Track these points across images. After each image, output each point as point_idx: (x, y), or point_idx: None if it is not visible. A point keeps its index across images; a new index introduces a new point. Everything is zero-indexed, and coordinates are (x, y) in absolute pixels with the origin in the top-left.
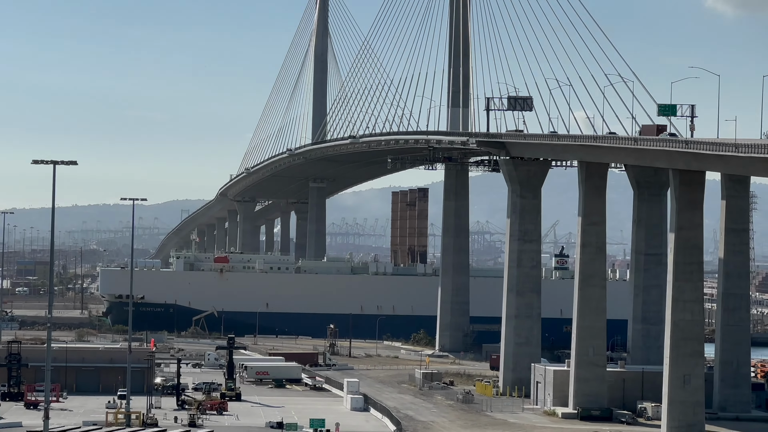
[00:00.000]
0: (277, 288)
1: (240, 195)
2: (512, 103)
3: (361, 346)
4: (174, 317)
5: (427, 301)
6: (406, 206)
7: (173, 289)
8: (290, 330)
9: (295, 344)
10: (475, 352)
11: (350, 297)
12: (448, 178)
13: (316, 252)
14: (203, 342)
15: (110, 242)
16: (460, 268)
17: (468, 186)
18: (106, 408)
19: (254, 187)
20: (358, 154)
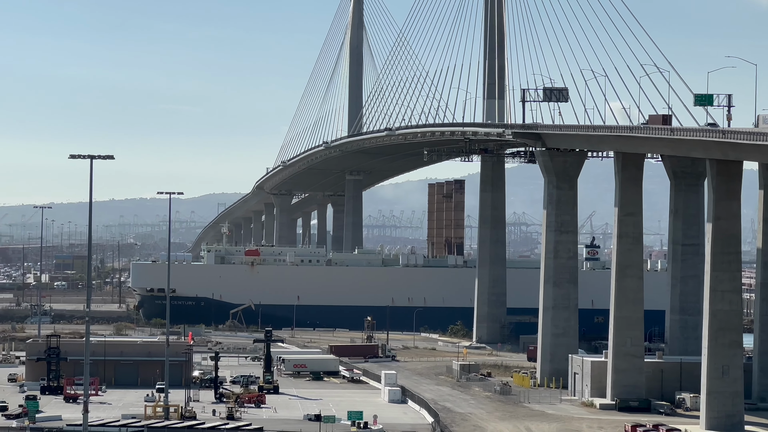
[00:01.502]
0: (308, 281)
1: (276, 188)
2: (548, 94)
3: (398, 338)
4: (205, 311)
5: (458, 292)
6: (443, 198)
7: (204, 282)
8: (321, 323)
9: (332, 337)
10: (512, 344)
11: (381, 289)
12: (484, 170)
13: (353, 244)
14: (241, 335)
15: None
16: (496, 259)
17: (504, 177)
18: (144, 401)
19: (290, 180)
20: (395, 146)
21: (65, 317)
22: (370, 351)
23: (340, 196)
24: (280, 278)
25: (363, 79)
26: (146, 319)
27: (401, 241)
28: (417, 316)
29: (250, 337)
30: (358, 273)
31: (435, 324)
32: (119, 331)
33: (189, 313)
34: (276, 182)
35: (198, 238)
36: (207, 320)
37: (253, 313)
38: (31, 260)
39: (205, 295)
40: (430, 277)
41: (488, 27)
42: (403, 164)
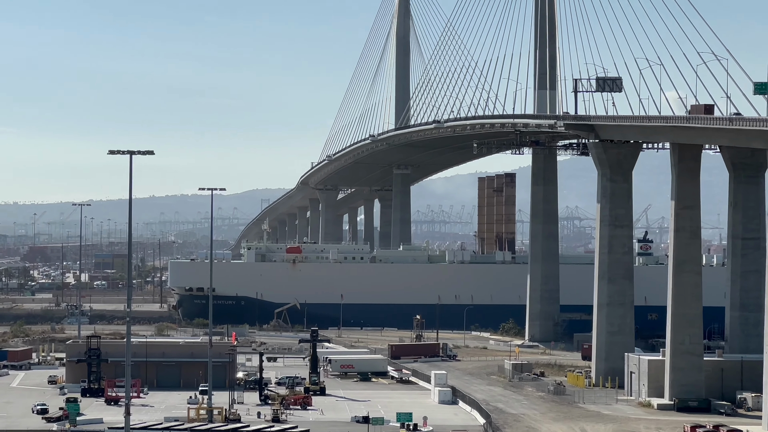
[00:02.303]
0: (351, 279)
1: (322, 183)
2: (601, 84)
3: (448, 337)
4: (245, 310)
5: (507, 289)
6: (493, 192)
7: (244, 281)
8: (367, 322)
9: (380, 336)
10: (566, 342)
11: (427, 287)
12: (535, 163)
13: (401, 241)
14: (286, 335)
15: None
16: (549, 255)
17: (556, 170)
18: (187, 403)
19: (336, 174)
20: (443, 139)
21: (105, 317)
22: (432, 350)
23: (387, 190)
24: (322, 276)
25: (410, 70)
26: (185, 319)
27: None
28: (467, 314)
29: (295, 337)
30: (403, 270)
31: (484, 322)
32: (161, 331)
33: (229, 313)
34: (321, 177)
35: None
36: (247, 320)
37: (298, 313)
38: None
39: (246, 294)
40: (478, 273)
41: (539, 15)
42: (452, 158)
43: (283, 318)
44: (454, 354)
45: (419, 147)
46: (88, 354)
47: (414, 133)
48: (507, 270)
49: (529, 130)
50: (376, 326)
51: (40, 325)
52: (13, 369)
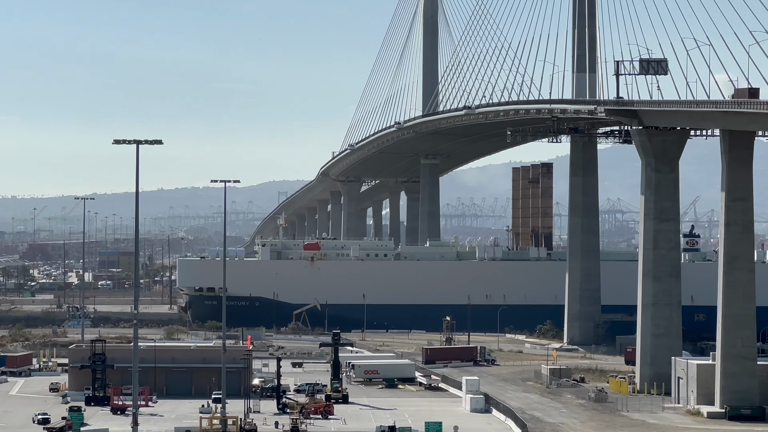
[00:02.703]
0: (374, 277)
1: (344, 174)
2: (644, 66)
3: (480, 340)
4: (259, 312)
5: (542, 288)
6: (529, 183)
7: (258, 280)
8: (391, 323)
9: (407, 339)
10: (607, 345)
11: (456, 286)
12: (574, 152)
13: (430, 236)
14: (305, 339)
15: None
16: (589, 251)
17: (597, 160)
18: (199, 413)
19: (359, 165)
20: (474, 126)
21: (110, 320)
22: (469, 354)
23: (414, 182)
24: (343, 275)
25: (438, 52)
26: (195, 321)
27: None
28: (500, 315)
29: (315, 340)
30: (430, 268)
31: (519, 323)
32: (170, 335)
33: (242, 315)
34: (343, 168)
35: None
36: (262, 322)
37: (318, 314)
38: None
39: (260, 294)
40: (511, 271)
41: None
42: (484, 146)
43: (302, 320)
44: (493, 358)
45: (448, 135)
46: (92, 359)
47: (443, 120)
48: (542, 267)
49: (567, 116)
50: (402, 328)
51: (40, 328)
52: (12, 375)
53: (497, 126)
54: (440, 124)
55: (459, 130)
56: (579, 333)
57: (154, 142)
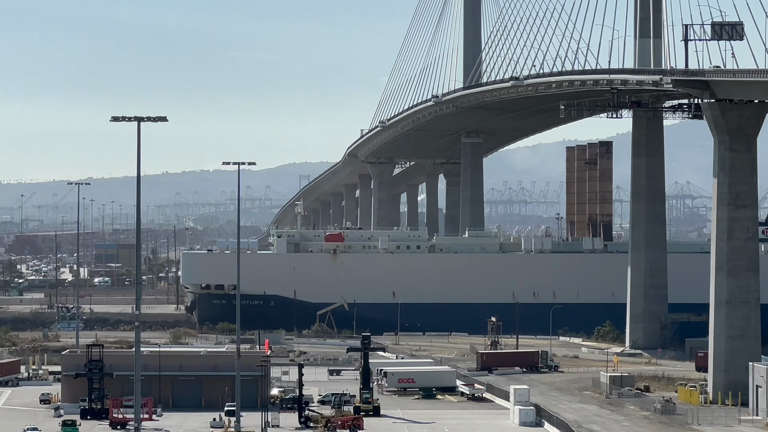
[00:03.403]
0: (405, 272)
1: (374, 155)
2: (717, 30)
3: (530, 343)
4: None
5: (597, 284)
6: (585, 165)
7: (274, 276)
8: (426, 325)
9: (447, 343)
10: (675, 349)
11: (499, 282)
12: (637, 128)
13: (472, 225)
14: (331, 343)
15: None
16: (654, 241)
17: (663, 137)
18: (210, 427)
19: (392, 144)
20: (523, 99)
21: (109, 322)
22: (530, 360)
23: (454, 164)
24: (370, 269)
25: (481, 15)
26: (206, 323)
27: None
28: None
29: (342, 344)
30: (469, 261)
31: (571, 324)
32: (177, 338)
33: (255, 316)
34: (373, 148)
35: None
36: (278, 323)
37: (345, 315)
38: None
39: (275, 292)
40: (561, 265)
41: None
42: (533, 123)
43: (327, 321)
44: (556, 364)
45: (493, 110)
46: (88, 367)
47: (487, 93)
48: (598, 261)
49: (629, 87)
50: (439, 330)
51: (29, 331)
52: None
53: (549, 99)
54: (484, 97)
55: (505, 104)
56: (643, 335)
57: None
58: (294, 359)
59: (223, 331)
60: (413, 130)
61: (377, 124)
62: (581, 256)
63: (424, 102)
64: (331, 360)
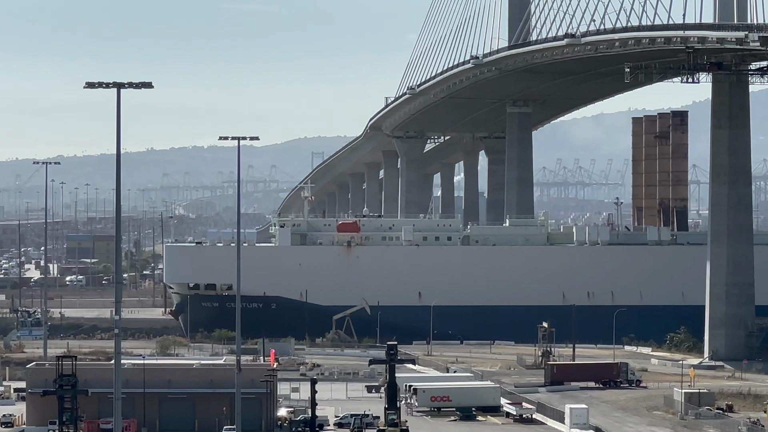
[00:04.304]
0: (433, 269)
1: (401, 128)
2: None
3: (590, 354)
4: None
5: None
6: (655, 139)
7: (276, 273)
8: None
9: (490, 353)
10: (764, 361)
11: (546, 280)
12: (717, 95)
13: (519, 211)
14: (350, 353)
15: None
16: (738, 231)
17: (748, 107)
18: None
19: (422, 115)
20: (580, 61)
21: (83, 329)
22: (607, 373)
23: (498, 138)
24: (391, 266)
25: None
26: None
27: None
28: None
29: (363, 355)
30: (509, 256)
31: (635, 331)
32: (166, 349)
33: (254, 321)
34: (400, 119)
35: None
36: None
37: (367, 320)
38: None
39: (278, 293)
40: (621, 260)
41: None
42: (593, 89)
43: (345, 328)
44: (638, 378)
45: (544, 74)
46: (58, 383)
47: (537, 53)
48: (666, 255)
49: (708, 46)
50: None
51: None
52: None
53: (611, 61)
54: (533, 58)
55: (559, 66)
56: (725, 344)
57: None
58: (306, 373)
59: (220, 339)
60: (448, 97)
61: (405, 91)
62: (645, 249)
63: (461, 64)
64: (350, 374)
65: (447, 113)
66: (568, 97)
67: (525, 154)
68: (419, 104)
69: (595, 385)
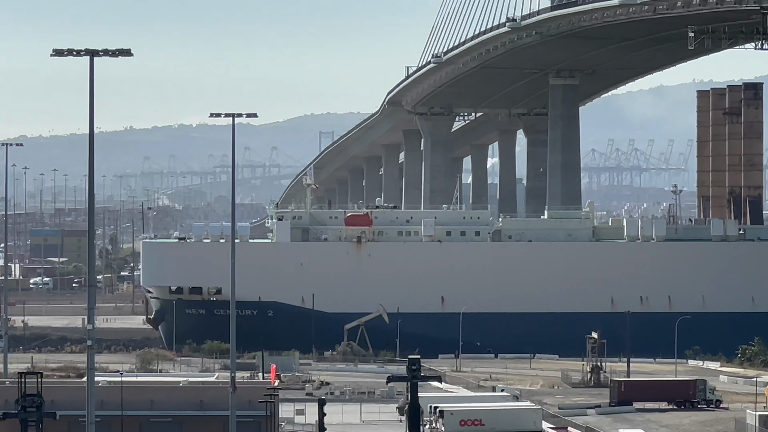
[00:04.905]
0: (458, 269)
1: (425, 103)
2: None
3: (648, 369)
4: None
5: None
6: (724, 116)
7: (273, 275)
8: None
9: (528, 369)
10: None
11: (591, 282)
12: None
13: (564, 201)
14: (365, 369)
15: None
16: None
17: None
18: None
19: (450, 88)
20: (635, 24)
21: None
22: (682, 392)
23: (539, 115)
24: (408, 265)
25: None
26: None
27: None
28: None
29: (380, 371)
30: (547, 254)
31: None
32: (147, 363)
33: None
34: (424, 93)
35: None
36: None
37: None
38: None
39: (275, 297)
40: (680, 259)
41: None
42: (650, 57)
43: (359, 339)
44: (718, 398)
45: (594, 39)
46: (21, 404)
47: (584, 15)
48: (732, 252)
49: None
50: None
51: None
52: None
53: (672, 24)
54: (580, 20)
55: (610, 30)
56: None
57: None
58: (312, 392)
59: (211, 352)
60: (480, 67)
61: (429, 60)
62: (708, 246)
63: (495, 28)
64: (365, 393)
65: (479, 86)
66: (621, 67)
67: (571, 134)
68: (446, 75)
69: (668, 405)
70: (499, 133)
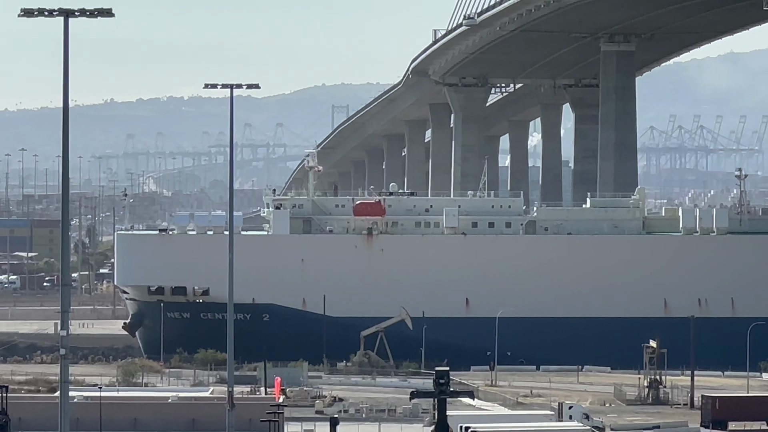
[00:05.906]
0: (487, 266)
1: (455, 73)
2: None
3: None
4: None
5: None
6: None
7: (270, 273)
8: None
9: (577, 382)
10: None
11: (641, 282)
12: None
13: (617, 186)
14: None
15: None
16: None
17: None
18: None
19: (484, 55)
20: None
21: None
22: None
23: (588, 87)
24: (427, 261)
25: None
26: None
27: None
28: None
29: (403, 384)
30: (590, 249)
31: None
32: (130, 376)
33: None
34: (454, 61)
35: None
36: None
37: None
38: None
39: (272, 299)
40: (745, 256)
41: None
42: (719, 19)
43: (378, 347)
44: None
45: None
46: None
47: None
48: None
49: None
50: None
51: None
52: None
53: None
54: None
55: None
56: None
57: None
58: (323, 410)
59: (205, 363)
60: (520, 30)
61: (461, 22)
62: None
63: None
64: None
65: (518, 52)
66: (683, 31)
67: (626, 109)
68: (480, 40)
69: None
70: (541, 108)
